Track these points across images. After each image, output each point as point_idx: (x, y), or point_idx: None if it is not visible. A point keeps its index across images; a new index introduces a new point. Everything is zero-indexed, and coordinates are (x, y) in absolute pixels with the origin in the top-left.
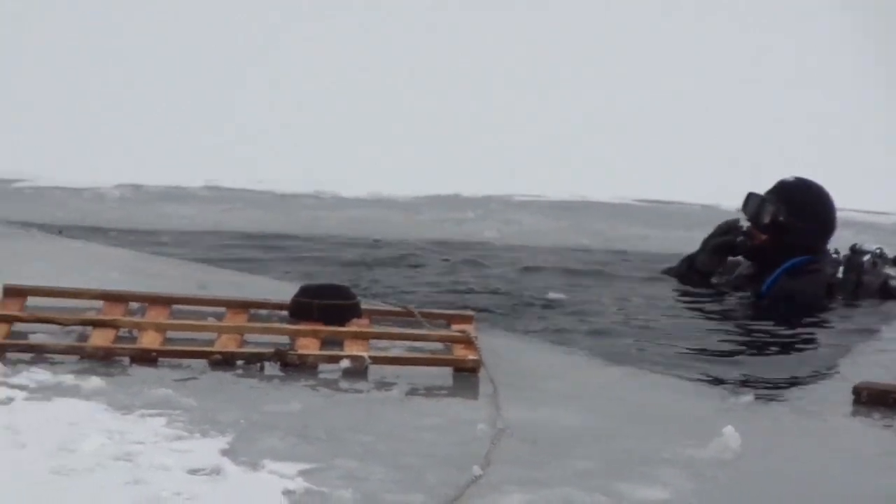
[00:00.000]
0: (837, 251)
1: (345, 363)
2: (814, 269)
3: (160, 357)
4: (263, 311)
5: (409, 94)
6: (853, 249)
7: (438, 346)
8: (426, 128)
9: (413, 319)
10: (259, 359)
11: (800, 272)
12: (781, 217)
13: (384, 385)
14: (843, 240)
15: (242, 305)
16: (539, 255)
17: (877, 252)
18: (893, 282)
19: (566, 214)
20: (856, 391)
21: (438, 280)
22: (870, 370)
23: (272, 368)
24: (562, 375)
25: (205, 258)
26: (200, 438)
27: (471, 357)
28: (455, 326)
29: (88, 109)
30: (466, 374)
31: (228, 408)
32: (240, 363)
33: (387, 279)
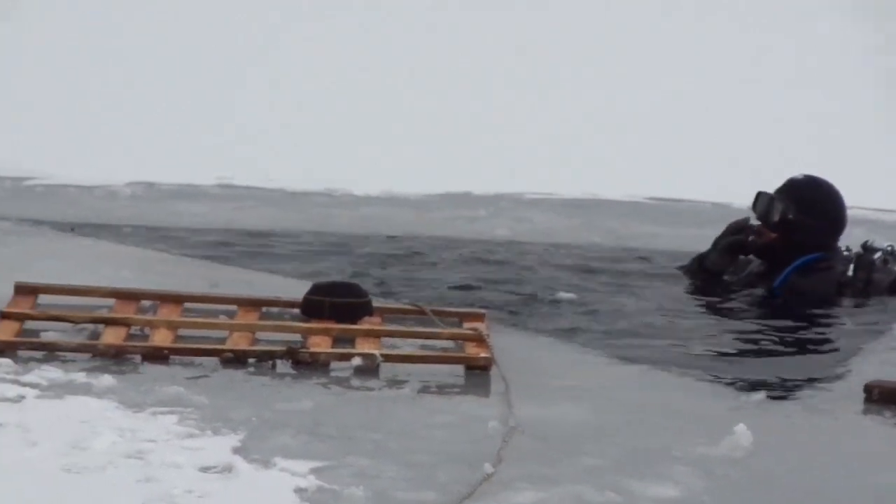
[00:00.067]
0: (849, 248)
1: (356, 361)
2: (824, 267)
3: (172, 355)
4: (275, 309)
5: (412, 94)
6: (865, 247)
7: (450, 344)
8: (434, 127)
9: (425, 317)
10: (271, 357)
11: (810, 270)
12: (791, 215)
13: (396, 383)
14: (855, 237)
15: (254, 303)
16: (550, 253)
17: (888, 249)
18: None
19: (578, 212)
20: (867, 389)
21: (450, 278)
22: (881, 368)
23: (284, 366)
24: (573, 373)
25: (216, 256)
26: (212, 436)
27: (482, 355)
28: (467, 324)
29: (99, 107)
30: (478, 372)
31: (240, 406)
32: (251, 361)
33: (398, 277)
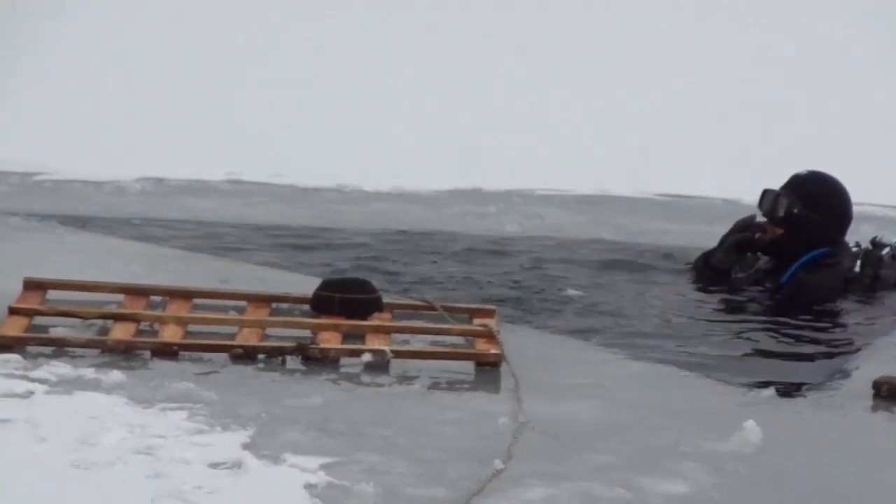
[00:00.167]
0: (859, 244)
1: (366, 357)
2: (831, 263)
3: (181, 351)
4: (285, 305)
5: (412, 95)
6: (874, 243)
7: (460, 341)
8: (434, 127)
9: (435, 313)
10: (280, 352)
11: (817, 266)
12: (796, 210)
13: (406, 379)
14: (864, 234)
15: (264, 299)
16: (561, 250)
17: None
18: None
19: (588, 209)
20: (876, 385)
21: (460, 274)
22: (889, 365)
23: (294, 362)
24: (583, 370)
25: (226, 251)
26: (221, 432)
27: (493, 351)
28: (477, 320)
29: (107, 103)
30: (488, 368)
31: (250, 401)
32: (261, 357)
33: (408, 273)
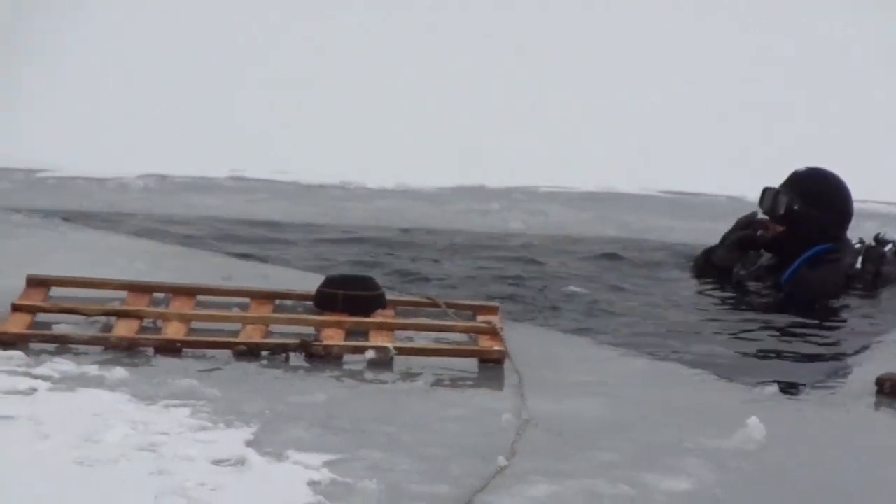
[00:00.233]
0: (863, 240)
1: (370, 354)
2: (833, 259)
3: (185, 348)
4: (288, 302)
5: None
6: (876, 239)
7: (464, 337)
8: (435, 127)
9: (438, 310)
10: (284, 349)
11: (819, 262)
12: (796, 207)
13: (409, 376)
14: (867, 231)
15: (267, 296)
16: (564, 247)
17: None
18: None
19: (592, 206)
20: (878, 382)
21: (463, 271)
22: (892, 362)
23: (297, 359)
24: (587, 367)
25: (230, 248)
26: (225, 429)
27: (496, 348)
28: (480, 317)
29: (110, 100)
30: (492, 365)
31: (253, 398)
32: (265, 354)
33: (412, 270)
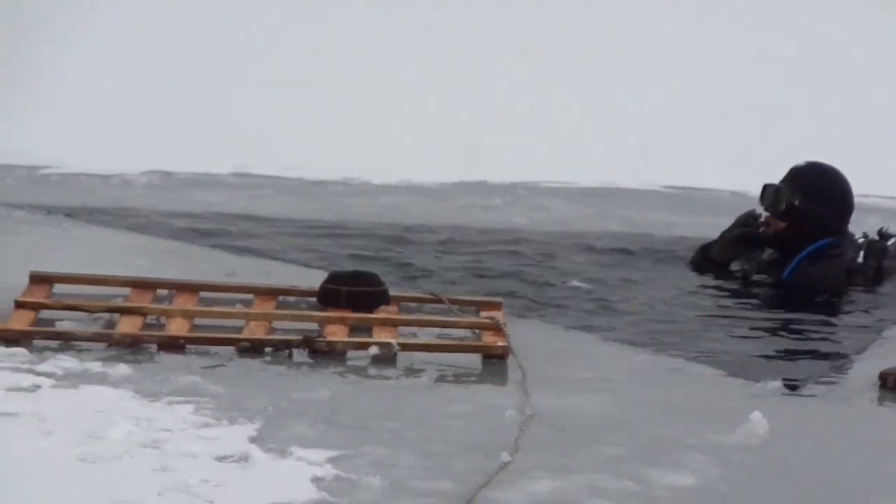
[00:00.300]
0: (866, 234)
1: (373, 350)
2: (835, 254)
3: (188, 344)
4: (292, 298)
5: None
6: (880, 233)
7: (467, 333)
8: (435, 127)
9: (442, 306)
10: (287, 346)
11: (821, 257)
12: (797, 202)
13: (413, 372)
14: (871, 226)
15: (271, 292)
16: (567, 242)
17: None
18: None
19: (594, 201)
20: (882, 377)
21: (467, 266)
22: (895, 356)
23: (300, 355)
24: (590, 362)
25: (233, 245)
26: (228, 425)
27: (500, 343)
28: (484, 313)
29: (108, 103)
30: (495, 361)
31: (256, 395)
32: (268, 350)
33: (415, 265)
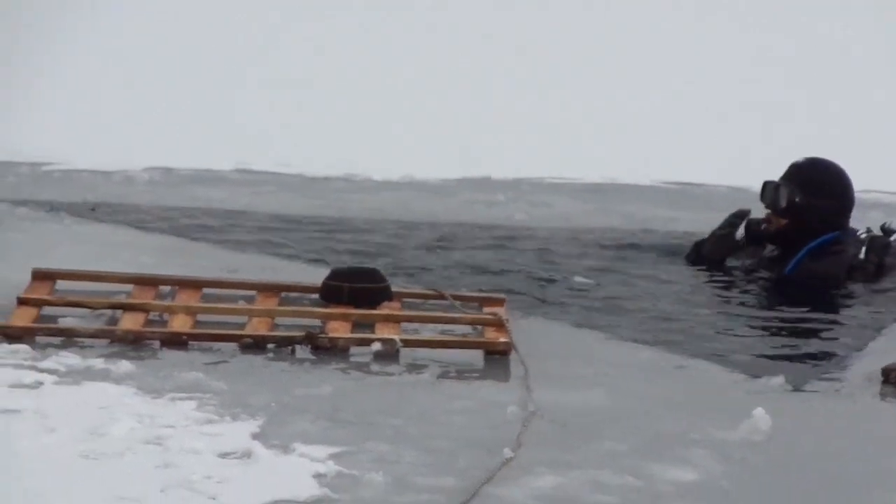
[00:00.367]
0: (870, 229)
1: (376, 346)
2: (836, 251)
3: (190, 340)
4: (294, 295)
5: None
6: (883, 229)
7: (469, 329)
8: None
9: (444, 302)
10: (290, 342)
11: (823, 253)
12: (798, 198)
13: (415, 368)
14: (874, 221)
15: (273, 289)
16: (569, 238)
17: None
18: None
19: (596, 197)
20: (884, 373)
21: (469, 262)
22: None
23: (303, 352)
24: (592, 358)
25: (235, 241)
26: (231, 422)
27: (502, 340)
28: (486, 309)
29: (108, 104)
30: (497, 357)
31: (259, 391)
32: (270, 346)
33: (417, 262)
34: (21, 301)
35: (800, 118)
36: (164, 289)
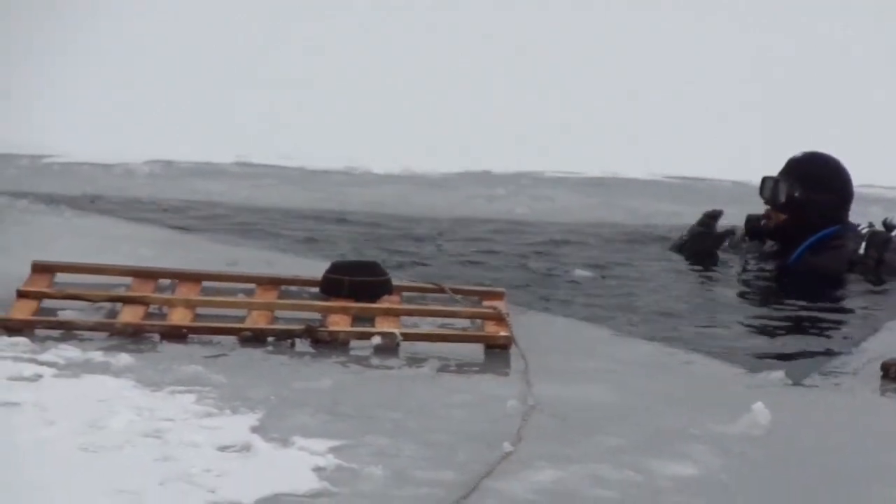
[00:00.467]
0: (872, 224)
1: (376, 340)
2: (836, 246)
3: (190, 333)
4: (294, 288)
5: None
6: (884, 224)
7: (469, 323)
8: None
9: (444, 296)
10: (290, 335)
11: (823, 248)
12: (797, 193)
13: (415, 362)
14: (875, 216)
15: (273, 282)
16: (570, 232)
17: None
18: None
19: (597, 191)
20: (884, 367)
21: (469, 256)
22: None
23: (303, 345)
24: (592, 352)
25: (235, 234)
26: (230, 415)
27: (502, 333)
28: (486, 303)
29: (115, 86)
30: (497, 351)
31: (258, 384)
32: (270, 340)
33: (417, 255)
34: (20, 294)
35: (800, 118)
36: (164, 282)
